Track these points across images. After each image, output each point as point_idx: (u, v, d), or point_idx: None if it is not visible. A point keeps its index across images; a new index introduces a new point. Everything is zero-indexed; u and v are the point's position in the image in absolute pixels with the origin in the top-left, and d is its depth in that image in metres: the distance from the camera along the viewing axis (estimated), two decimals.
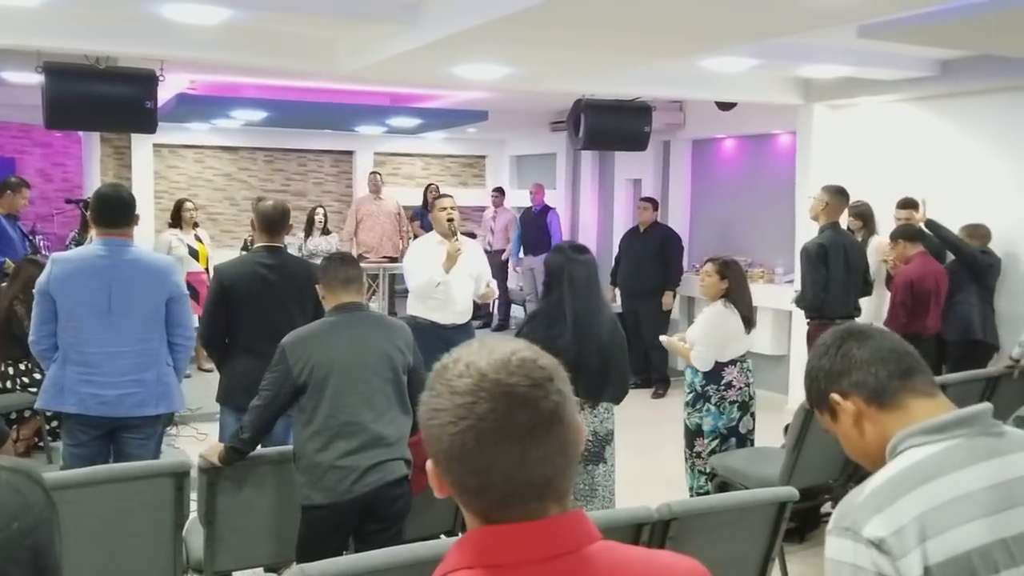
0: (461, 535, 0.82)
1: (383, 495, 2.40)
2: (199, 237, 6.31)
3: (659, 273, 6.16)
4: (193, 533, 2.63)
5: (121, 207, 2.84)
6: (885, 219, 4.95)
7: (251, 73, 5.18)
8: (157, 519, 2.44)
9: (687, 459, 3.66)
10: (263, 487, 2.62)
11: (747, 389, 3.52)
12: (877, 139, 5.36)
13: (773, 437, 3.87)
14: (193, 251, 6.15)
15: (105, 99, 4.16)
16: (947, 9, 2.87)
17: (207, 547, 2.56)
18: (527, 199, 8.00)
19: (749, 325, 3.51)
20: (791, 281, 5.83)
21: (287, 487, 2.54)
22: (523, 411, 0.75)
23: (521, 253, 7.90)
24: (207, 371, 5.74)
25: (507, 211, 8.16)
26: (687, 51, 3.80)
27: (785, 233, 5.89)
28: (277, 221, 3.20)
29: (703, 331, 3.51)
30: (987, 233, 4.53)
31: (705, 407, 3.51)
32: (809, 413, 3.28)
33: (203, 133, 8.03)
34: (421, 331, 4.17)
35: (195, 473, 2.54)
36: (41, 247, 6.88)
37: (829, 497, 3.74)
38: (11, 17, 3.48)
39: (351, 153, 8.80)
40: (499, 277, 6.48)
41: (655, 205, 6.40)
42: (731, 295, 3.49)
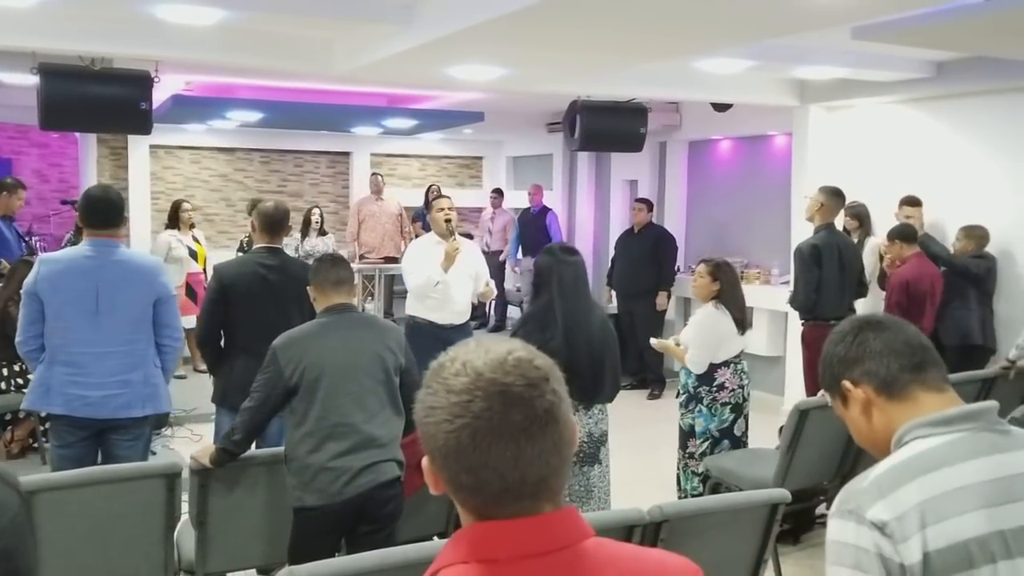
0: (455, 532, 0.83)
1: (375, 497, 2.39)
2: (196, 238, 6.30)
3: (653, 274, 6.17)
4: (185, 535, 2.62)
5: (110, 208, 2.83)
6: (881, 220, 4.96)
7: (246, 74, 5.17)
8: (148, 521, 2.44)
9: (680, 460, 3.66)
10: (255, 488, 2.62)
11: (740, 391, 3.52)
12: (873, 140, 5.37)
13: (768, 438, 3.86)
14: (192, 252, 6.15)
15: (100, 100, 4.15)
16: (941, 11, 2.87)
17: (199, 549, 2.56)
18: (524, 200, 8.00)
19: (742, 327, 3.51)
20: (787, 282, 5.82)
21: (279, 488, 2.53)
22: (518, 410, 0.76)
23: (520, 254, 7.90)
24: (202, 372, 5.73)
25: (505, 212, 8.16)
26: (681, 52, 3.80)
27: (781, 234, 5.90)
28: (278, 222, 3.20)
29: (695, 334, 3.51)
30: (984, 234, 4.53)
31: (697, 408, 3.51)
32: (804, 414, 3.28)
33: (199, 134, 8.03)
34: (420, 331, 4.21)
35: (187, 474, 2.53)
36: (37, 248, 6.87)
37: (824, 499, 3.74)
38: (6, 18, 3.47)
39: (348, 154, 8.80)
40: (496, 278, 6.48)
41: (649, 206, 6.42)
42: (722, 296, 3.49)
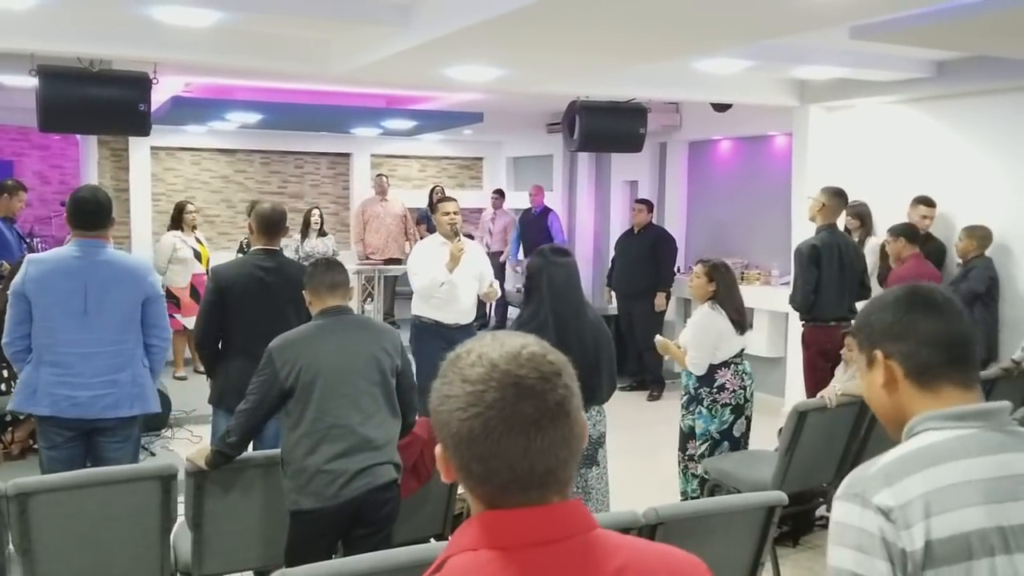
0: (465, 521, 0.84)
1: (372, 499, 2.39)
2: (200, 239, 6.31)
3: (652, 275, 6.16)
4: (181, 536, 2.62)
5: (99, 209, 2.84)
6: (882, 220, 4.94)
7: (244, 75, 5.18)
8: (144, 522, 2.44)
9: (680, 462, 3.65)
10: (251, 490, 2.61)
11: (742, 392, 3.50)
12: (873, 140, 5.35)
13: (768, 440, 3.85)
14: (196, 253, 6.16)
15: (99, 102, 4.15)
16: (938, 10, 2.86)
17: (195, 551, 2.56)
18: (524, 201, 7.99)
19: (741, 327, 3.50)
20: (787, 283, 5.81)
21: (275, 491, 2.53)
22: (530, 402, 0.78)
23: (521, 255, 7.90)
24: (202, 373, 5.74)
25: (505, 213, 8.16)
26: (679, 52, 3.79)
27: (781, 235, 5.88)
28: (275, 224, 3.19)
29: (692, 335, 3.51)
30: (987, 234, 4.48)
31: (697, 410, 3.50)
32: (802, 416, 3.27)
33: (200, 136, 8.04)
34: (425, 330, 4.28)
35: (183, 476, 2.53)
36: (38, 249, 6.88)
37: (823, 501, 3.72)
38: (4, 20, 3.48)
39: (348, 155, 8.80)
40: (497, 279, 6.48)
41: (650, 207, 6.40)
42: (719, 297, 3.49)
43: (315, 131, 7.92)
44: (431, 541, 2.85)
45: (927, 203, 4.67)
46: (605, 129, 5.28)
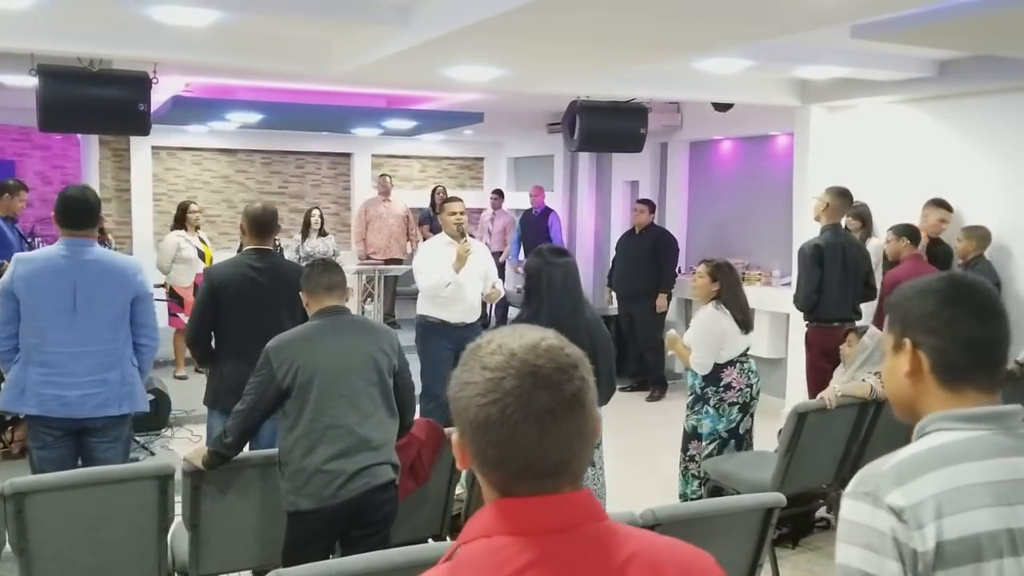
0: (480, 508, 0.86)
1: (370, 500, 2.38)
2: (203, 239, 6.32)
3: (653, 275, 6.14)
4: (179, 536, 2.62)
5: (87, 209, 2.83)
6: (885, 220, 4.91)
7: (243, 75, 5.17)
8: (141, 522, 2.44)
9: (681, 463, 3.64)
10: (248, 491, 2.61)
11: (749, 390, 3.50)
12: (875, 140, 5.33)
13: (769, 441, 3.84)
14: (200, 253, 6.16)
15: (99, 101, 4.15)
16: (939, 9, 2.85)
17: (192, 551, 2.55)
18: (525, 201, 7.98)
19: (745, 327, 3.49)
20: (788, 284, 5.80)
21: (272, 491, 2.52)
22: (546, 391, 0.81)
23: (521, 255, 7.89)
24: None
25: (505, 213, 8.16)
26: (679, 51, 3.78)
27: (783, 235, 5.86)
28: (267, 224, 3.18)
29: (696, 335, 3.50)
30: (986, 234, 4.46)
31: (704, 409, 3.49)
32: (802, 417, 3.26)
33: (201, 136, 8.04)
34: (431, 330, 4.31)
35: (180, 476, 2.53)
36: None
37: (823, 502, 3.71)
38: (4, 20, 3.48)
39: (349, 155, 8.81)
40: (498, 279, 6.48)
41: (651, 207, 6.38)
42: (722, 297, 3.48)
43: (316, 131, 7.92)
44: (429, 542, 2.85)
45: (946, 207, 4.58)
46: (605, 129, 5.27)
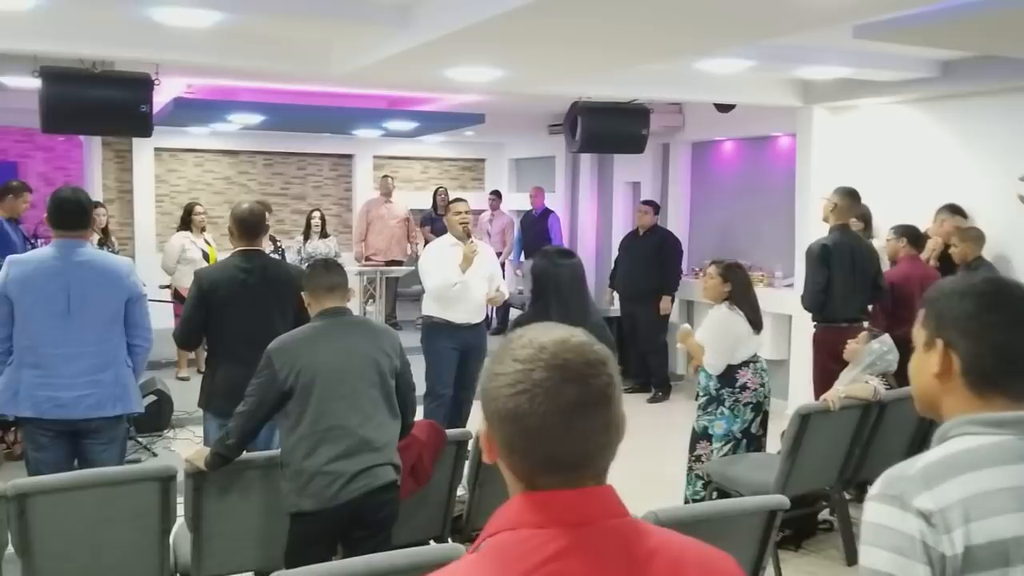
0: (508, 500, 0.88)
1: (371, 501, 2.38)
2: (208, 241, 6.33)
3: (656, 277, 6.11)
4: (181, 538, 2.62)
5: (79, 210, 2.84)
6: (887, 221, 4.89)
7: (245, 76, 5.18)
8: (143, 524, 2.44)
9: (687, 464, 3.63)
10: (250, 492, 2.61)
11: (762, 389, 3.51)
12: (877, 141, 5.32)
13: (771, 443, 3.83)
14: (204, 254, 6.18)
15: (101, 103, 4.16)
16: (942, 9, 2.84)
17: (194, 552, 2.55)
18: (527, 202, 7.98)
19: (757, 326, 3.50)
20: (791, 285, 5.78)
21: (274, 492, 2.52)
22: (574, 385, 0.82)
23: (522, 256, 7.89)
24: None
25: (503, 214, 8.16)
26: (680, 52, 3.78)
27: (785, 236, 5.85)
28: (254, 224, 3.15)
29: (711, 336, 3.49)
30: (980, 235, 4.37)
31: (719, 411, 3.49)
32: (805, 419, 3.25)
33: (203, 137, 8.06)
34: (436, 330, 4.32)
35: (182, 477, 2.53)
36: None
37: (826, 504, 3.70)
38: (7, 21, 3.49)
39: (350, 156, 8.82)
40: None
41: (656, 208, 6.35)
42: (734, 298, 3.48)
43: (317, 132, 7.93)
44: (430, 543, 2.85)
45: (961, 214, 4.52)
46: (607, 130, 5.26)
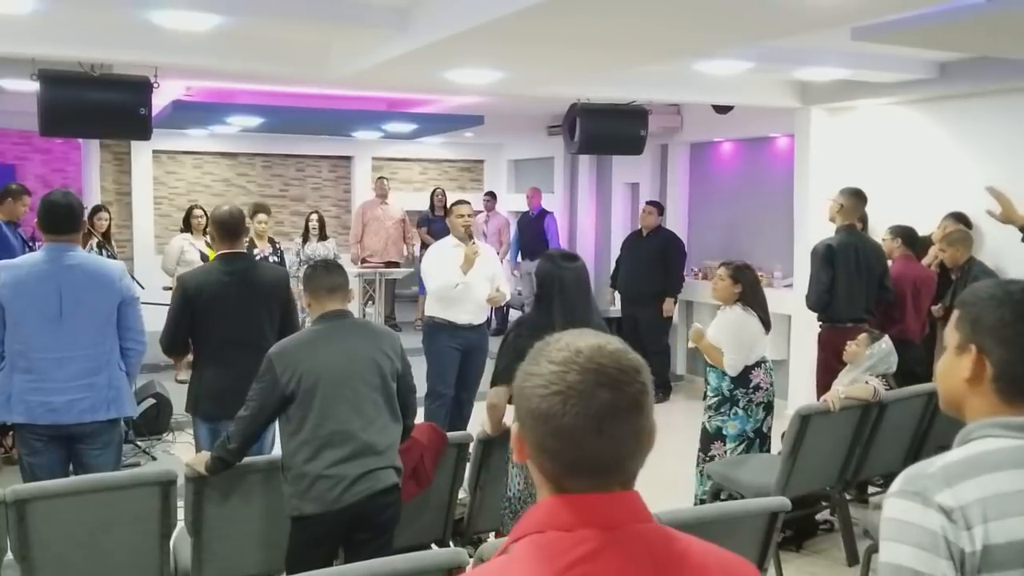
0: (536, 503, 0.88)
1: (373, 504, 2.38)
2: (208, 243, 6.33)
3: (660, 279, 6.06)
4: (181, 542, 2.61)
5: (70, 214, 2.83)
6: (885, 221, 4.90)
7: (244, 79, 5.18)
8: (144, 528, 2.43)
9: (699, 463, 3.64)
10: (251, 496, 2.60)
11: (772, 388, 3.55)
12: (875, 142, 5.33)
13: (773, 444, 3.83)
14: (204, 256, 6.17)
15: (100, 106, 4.15)
16: (940, 11, 2.85)
17: (195, 557, 2.55)
18: (525, 203, 7.99)
19: (767, 326, 3.55)
20: (790, 285, 5.79)
21: (275, 496, 2.52)
22: (607, 390, 0.83)
23: (519, 257, 7.89)
24: None
25: (499, 215, 8.17)
26: (679, 54, 3.78)
27: (784, 237, 5.86)
28: (235, 227, 3.13)
29: (729, 337, 3.50)
30: (966, 236, 4.34)
31: (732, 411, 3.51)
32: (805, 420, 3.25)
33: (202, 139, 8.05)
34: (438, 330, 4.34)
35: (183, 482, 2.52)
36: None
37: (826, 505, 3.70)
38: (4, 24, 3.48)
39: (349, 158, 8.82)
40: None
41: (660, 209, 6.29)
42: (745, 299, 3.50)
43: (316, 134, 7.93)
44: (432, 547, 2.84)
45: (965, 222, 4.49)
46: (606, 131, 5.26)
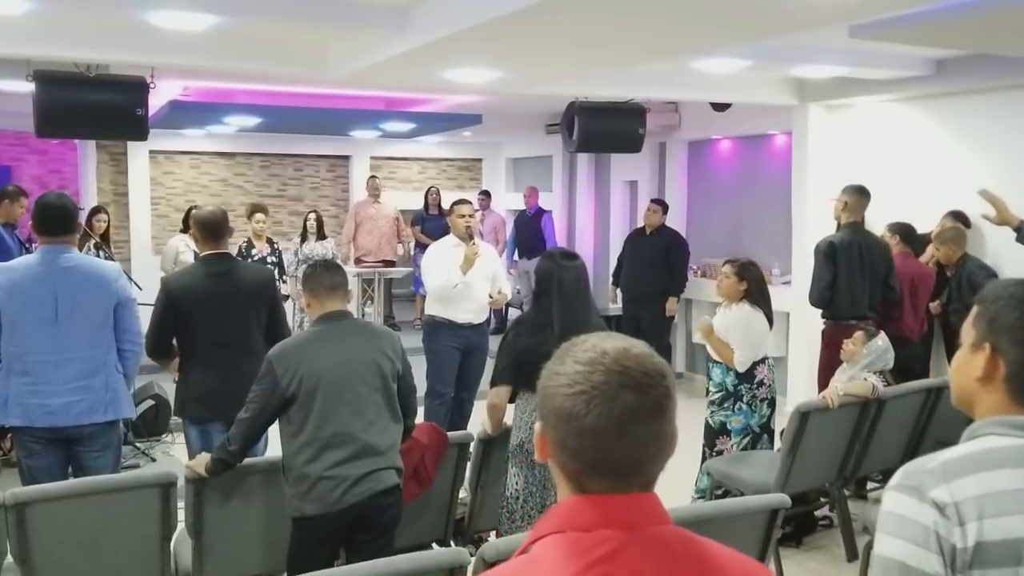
0: (556, 503, 0.89)
1: (374, 505, 2.38)
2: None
3: (663, 278, 6.00)
4: (182, 544, 2.61)
5: (65, 215, 2.82)
6: (882, 218, 4.91)
7: (241, 79, 5.16)
8: (144, 530, 2.43)
9: (704, 459, 3.65)
10: (251, 497, 2.60)
11: (774, 386, 3.58)
12: (873, 139, 5.33)
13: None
14: (198, 257, 6.16)
15: (96, 107, 4.14)
16: (937, 8, 2.85)
17: (195, 558, 2.55)
18: (523, 202, 7.98)
19: (771, 322, 3.58)
20: (788, 282, 5.80)
21: (275, 497, 2.52)
22: (631, 392, 0.84)
23: (515, 256, 7.89)
24: None
25: (493, 214, 8.16)
26: (677, 52, 3.78)
27: (782, 234, 5.87)
28: (218, 227, 3.10)
29: (739, 333, 3.52)
30: (959, 234, 4.37)
31: (736, 406, 3.54)
32: (805, 417, 3.26)
33: (199, 139, 8.03)
34: (438, 329, 4.34)
35: (183, 483, 2.52)
36: None
37: (826, 501, 3.71)
38: (0, 26, 3.47)
39: (347, 158, 8.80)
40: None
41: (664, 208, 6.23)
42: (750, 296, 3.53)
43: (314, 134, 7.91)
44: (433, 547, 2.85)
45: (963, 221, 4.52)
46: (604, 130, 5.26)
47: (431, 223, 7.79)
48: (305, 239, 7.01)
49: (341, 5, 3.27)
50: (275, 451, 2.62)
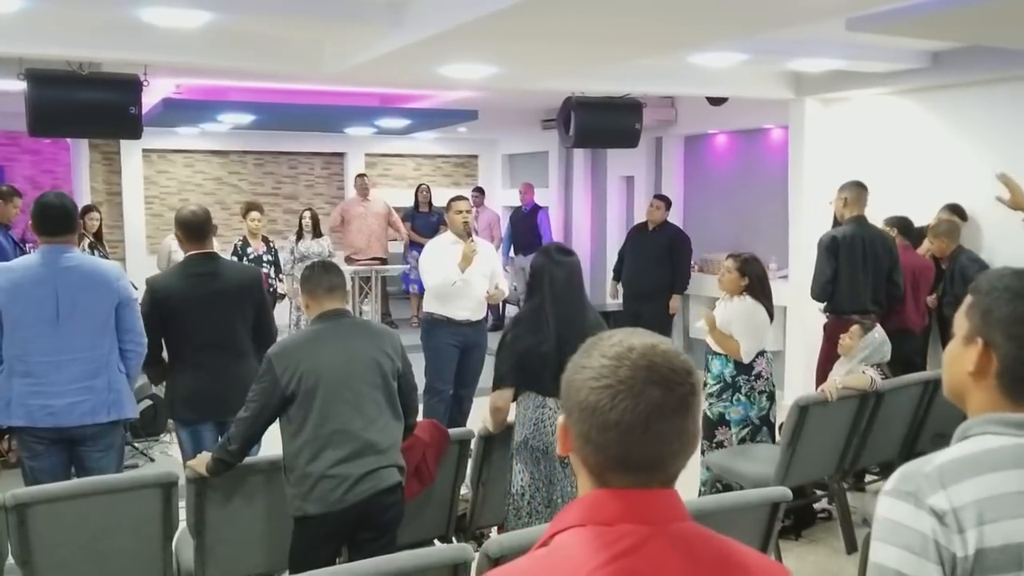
0: (577, 497, 0.89)
1: (376, 503, 2.38)
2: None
3: (666, 275, 5.95)
4: (183, 544, 2.61)
5: (65, 215, 2.80)
6: (879, 211, 4.92)
7: (236, 76, 5.13)
8: (145, 531, 2.43)
9: (704, 451, 3.66)
10: (253, 497, 2.60)
11: (772, 379, 3.59)
12: (869, 132, 5.34)
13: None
14: None
15: (89, 105, 4.11)
16: (933, 1, 2.85)
17: (197, 558, 2.54)
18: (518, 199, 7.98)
19: (772, 316, 3.61)
20: (785, 276, 5.81)
21: (277, 496, 2.51)
22: (657, 388, 0.84)
23: (511, 252, 7.88)
24: None
25: (488, 210, 8.15)
26: (673, 46, 3.77)
27: (779, 228, 5.87)
28: (200, 227, 3.07)
29: (743, 327, 3.53)
30: (953, 227, 4.37)
31: (734, 397, 3.55)
32: (804, 410, 3.27)
33: (192, 138, 7.99)
34: (436, 326, 4.33)
35: (184, 483, 2.51)
36: None
37: (825, 494, 3.73)
38: None
39: (342, 155, 8.78)
40: None
41: (668, 204, 6.15)
42: (752, 291, 3.55)
43: (308, 131, 7.88)
44: (435, 543, 2.85)
45: (960, 214, 4.54)
46: (600, 125, 5.25)
47: (421, 220, 7.77)
48: (301, 237, 6.99)
49: (336, 2, 3.25)
50: (269, 451, 2.62)
